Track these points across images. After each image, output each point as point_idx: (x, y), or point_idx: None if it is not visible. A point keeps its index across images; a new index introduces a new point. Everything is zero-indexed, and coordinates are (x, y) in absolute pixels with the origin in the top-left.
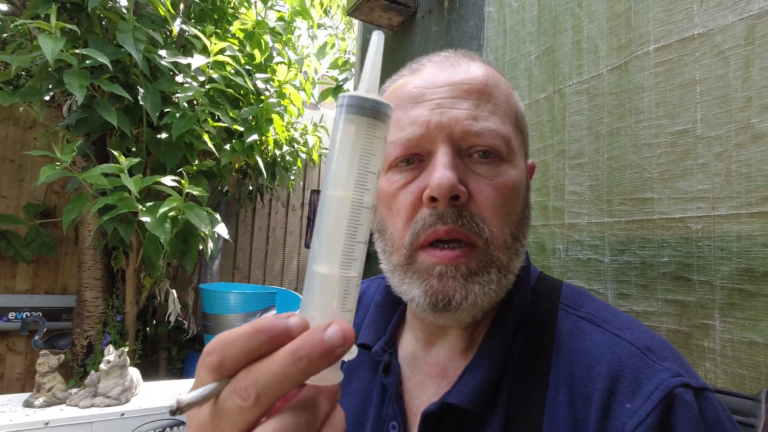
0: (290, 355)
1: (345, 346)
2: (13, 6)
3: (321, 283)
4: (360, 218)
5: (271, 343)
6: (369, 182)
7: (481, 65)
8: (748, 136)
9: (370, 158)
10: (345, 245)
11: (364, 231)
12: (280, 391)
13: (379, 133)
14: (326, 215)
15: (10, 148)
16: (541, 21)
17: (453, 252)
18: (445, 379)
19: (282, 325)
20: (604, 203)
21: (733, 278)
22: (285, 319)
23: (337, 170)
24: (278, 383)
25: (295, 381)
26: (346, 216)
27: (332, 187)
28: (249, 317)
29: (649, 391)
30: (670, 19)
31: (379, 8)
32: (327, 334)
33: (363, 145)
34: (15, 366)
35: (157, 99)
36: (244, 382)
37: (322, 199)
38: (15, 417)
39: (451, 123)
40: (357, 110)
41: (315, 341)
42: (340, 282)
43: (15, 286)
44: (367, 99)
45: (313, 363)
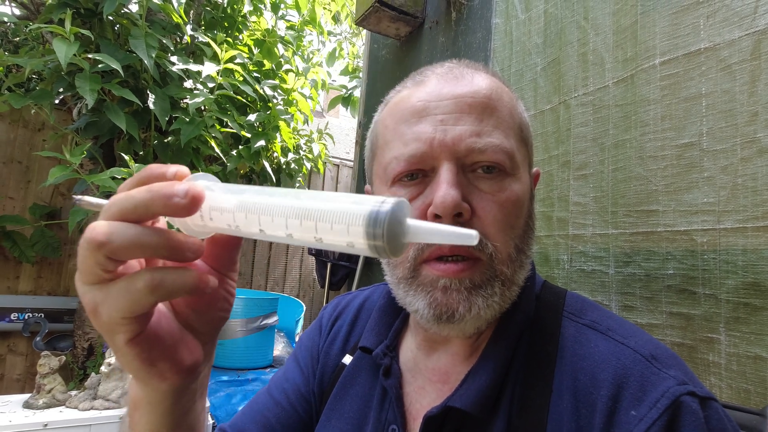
0: (147, 189)
1: (185, 200)
2: (27, 10)
3: (235, 187)
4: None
5: (148, 181)
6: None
7: (485, 77)
8: (754, 150)
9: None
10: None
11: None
12: (125, 209)
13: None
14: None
15: (19, 149)
16: (547, 33)
17: (457, 265)
18: (447, 384)
19: (161, 171)
20: (609, 215)
21: (738, 292)
22: (168, 167)
23: (327, 194)
24: (125, 202)
25: (137, 206)
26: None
27: (311, 192)
28: (250, 323)
29: (654, 398)
30: (676, 33)
31: (386, 19)
32: (179, 185)
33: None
34: (15, 367)
35: (166, 104)
36: (111, 199)
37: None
38: (14, 418)
39: (455, 141)
40: (370, 225)
41: (166, 186)
42: (231, 201)
43: (18, 286)
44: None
45: (157, 200)
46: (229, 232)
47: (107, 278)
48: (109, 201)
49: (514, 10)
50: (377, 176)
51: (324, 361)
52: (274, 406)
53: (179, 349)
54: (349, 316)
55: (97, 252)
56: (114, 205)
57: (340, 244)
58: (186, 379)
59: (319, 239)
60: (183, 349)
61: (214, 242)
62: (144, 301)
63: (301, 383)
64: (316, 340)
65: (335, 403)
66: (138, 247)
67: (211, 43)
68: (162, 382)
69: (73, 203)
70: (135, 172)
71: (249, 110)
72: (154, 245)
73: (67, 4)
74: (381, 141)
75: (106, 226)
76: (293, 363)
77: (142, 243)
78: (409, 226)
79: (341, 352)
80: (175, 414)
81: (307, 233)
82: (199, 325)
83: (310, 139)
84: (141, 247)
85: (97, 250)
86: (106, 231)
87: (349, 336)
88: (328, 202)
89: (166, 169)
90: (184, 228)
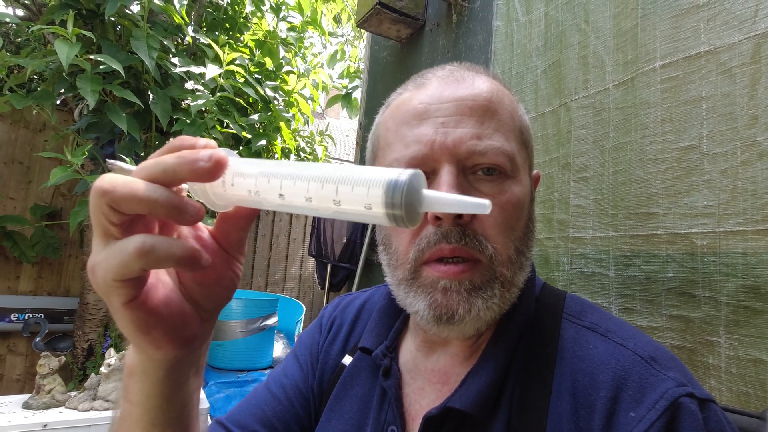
0: (176, 155)
1: (209, 163)
2: (29, 11)
3: (258, 160)
4: (299, 182)
5: (180, 147)
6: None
7: (486, 79)
8: (754, 153)
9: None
10: (283, 170)
11: (290, 187)
12: (154, 172)
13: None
14: (306, 163)
15: (20, 150)
16: (548, 36)
17: (457, 267)
18: (447, 385)
19: (193, 141)
20: (609, 217)
21: (738, 295)
22: (198, 139)
23: (345, 165)
24: (154, 166)
25: (165, 170)
26: (302, 169)
27: (330, 164)
28: (250, 324)
29: (653, 400)
30: (676, 36)
31: (388, 21)
32: (203, 151)
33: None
34: (15, 367)
35: (167, 105)
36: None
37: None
38: (14, 418)
39: (456, 144)
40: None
41: (194, 152)
42: (254, 167)
43: (18, 287)
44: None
45: (183, 165)
46: (248, 203)
47: (112, 233)
48: (140, 165)
49: (515, 12)
50: None
51: (324, 361)
52: (271, 400)
53: (177, 320)
54: (349, 316)
55: (101, 199)
56: (143, 169)
57: (357, 209)
58: (181, 351)
59: (338, 202)
60: (181, 321)
61: (226, 219)
62: (133, 265)
63: (299, 380)
64: (316, 339)
65: (335, 403)
66: (138, 199)
67: (213, 44)
68: (156, 351)
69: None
70: None
71: (250, 111)
72: (154, 200)
73: (69, 5)
74: (382, 143)
75: (115, 177)
76: (293, 360)
77: (143, 196)
78: (424, 195)
79: (341, 353)
80: (168, 385)
81: (327, 197)
82: (203, 300)
83: (311, 140)
84: (141, 201)
85: (100, 197)
86: (111, 180)
87: (349, 336)
88: (350, 170)
89: (196, 140)
90: (205, 199)
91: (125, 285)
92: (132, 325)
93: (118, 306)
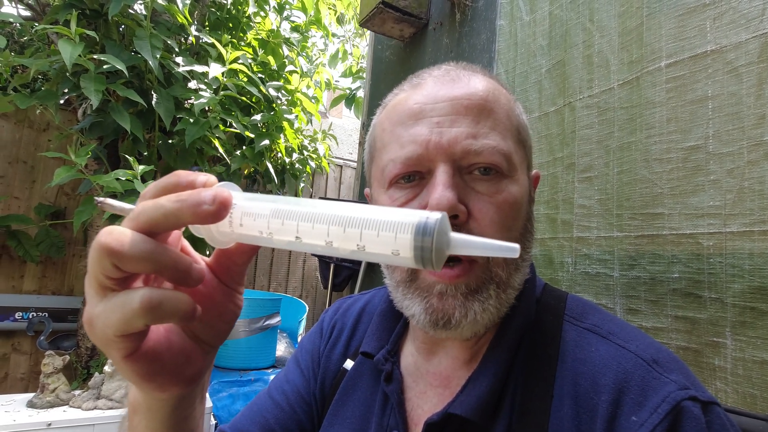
0: (175, 196)
1: (213, 206)
2: (33, 11)
3: (264, 197)
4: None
5: (177, 187)
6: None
7: (482, 79)
8: (761, 153)
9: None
10: (300, 211)
11: (307, 229)
12: (153, 219)
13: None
14: (323, 201)
15: (24, 149)
16: (552, 35)
17: (452, 271)
18: (448, 389)
19: (190, 178)
20: (614, 217)
21: (745, 296)
22: (196, 175)
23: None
24: (152, 211)
25: (167, 216)
26: (321, 209)
27: (351, 204)
28: (253, 323)
29: (655, 403)
30: (682, 35)
31: (391, 20)
32: (206, 192)
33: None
34: (19, 366)
35: (170, 105)
36: (139, 205)
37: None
38: (18, 417)
39: (451, 143)
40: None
41: (194, 194)
42: (264, 208)
43: (22, 286)
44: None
45: (185, 209)
46: (257, 241)
47: (109, 287)
48: (139, 208)
49: (519, 11)
50: (375, 179)
51: (325, 365)
52: (273, 407)
53: (181, 361)
54: (350, 320)
55: (106, 258)
56: (143, 214)
57: (383, 253)
58: (187, 389)
59: (362, 247)
60: (185, 361)
61: (226, 255)
62: (137, 321)
63: (301, 385)
64: (317, 344)
65: (337, 408)
66: (148, 261)
67: (216, 44)
68: (162, 393)
69: (96, 203)
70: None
71: (253, 111)
72: (164, 264)
73: (72, 5)
74: (379, 144)
75: (124, 234)
76: (294, 365)
77: (153, 259)
78: (452, 238)
79: (342, 357)
80: (174, 420)
81: (350, 241)
82: (205, 335)
83: (313, 139)
84: (150, 263)
85: (106, 256)
86: (121, 240)
87: (350, 341)
88: (373, 212)
89: (195, 177)
90: (207, 235)
91: (127, 339)
92: (135, 375)
93: (119, 359)
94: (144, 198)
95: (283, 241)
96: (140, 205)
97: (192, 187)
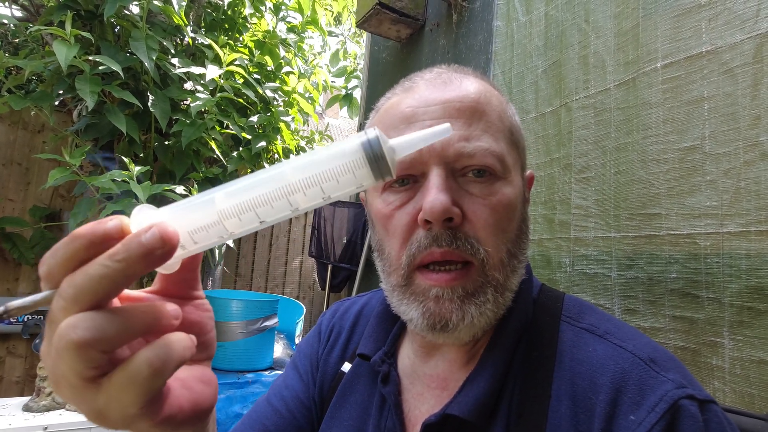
0: (109, 257)
1: (164, 248)
2: (27, 12)
3: (201, 205)
4: (276, 202)
5: (91, 247)
6: (311, 190)
7: (474, 81)
8: (757, 153)
9: (330, 180)
10: (245, 201)
11: (269, 212)
12: (100, 291)
13: (360, 177)
14: (264, 171)
15: (18, 151)
16: (548, 35)
17: (449, 274)
18: (446, 391)
19: (100, 230)
20: (611, 218)
21: (742, 296)
22: (104, 223)
23: (308, 156)
24: (97, 284)
25: (116, 281)
26: (269, 188)
27: (292, 162)
28: (250, 325)
29: (653, 402)
30: (678, 36)
31: (388, 21)
32: (146, 236)
33: (339, 169)
34: (15, 369)
35: (166, 106)
36: (65, 284)
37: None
38: (14, 421)
39: (444, 146)
40: (369, 155)
41: (133, 244)
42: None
43: (17, 288)
44: (383, 159)
45: (132, 265)
46: (218, 243)
47: (97, 375)
48: (66, 286)
49: (515, 12)
50: None
51: (323, 369)
52: (272, 414)
53: (200, 397)
54: (347, 322)
55: (86, 351)
56: (84, 291)
57: (348, 191)
58: (206, 418)
59: (327, 197)
60: (204, 392)
61: (169, 276)
62: (155, 384)
63: (300, 390)
64: (315, 347)
65: (335, 411)
66: (128, 331)
67: (213, 45)
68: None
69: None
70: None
71: (249, 112)
72: (148, 323)
73: (67, 5)
74: None
75: (85, 319)
76: (292, 370)
77: (135, 325)
78: (393, 145)
79: (340, 360)
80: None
81: (314, 198)
82: (199, 354)
83: (310, 140)
84: (134, 331)
85: (86, 350)
86: (90, 326)
87: (348, 343)
88: (320, 161)
89: (105, 226)
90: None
91: (151, 403)
92: (170, 428)
93: (152, 426)
94: (51, 276)
95: (249, 229)
96: (67, 282)
97: (110, 239)
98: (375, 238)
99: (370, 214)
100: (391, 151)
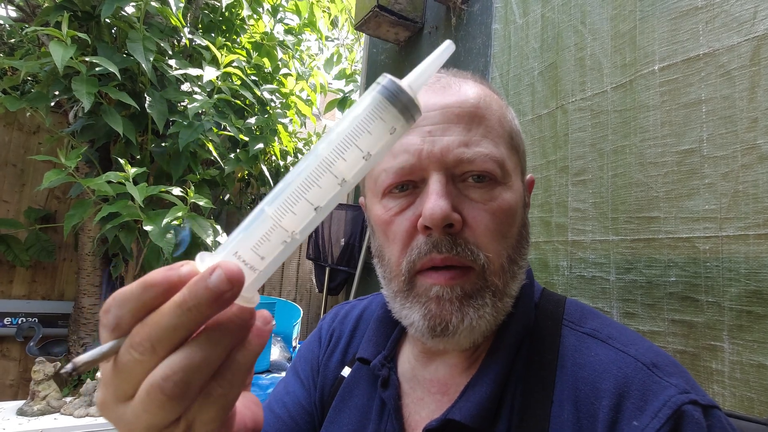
0: (178, 307)
1: (233, 289)
2: (23, 13)
3: (253, 218)
4: (320, 180)
5: (164, 295)
6: (348, 153)
7: (473, 85)
8: (755, 156)
9: (362, 134)
10: (291, 193)
11: (318, 194)
12: (174, 340)
13: (389, 120)
14: (299, 164)
15: (13, 152)
16: (544, 37)
17: (449, 272)
18: (446, 396)
19: (173, 276)
20: (609, 221)
21: (741, 300)
22: (177, 269)
23: (333, 128)
24: (171, 334)
25: (189, 329)
26: (309, 170)
27: (322, 141)
28: None
29: (656, 407)
30: (675, 38)
31: (386, 23)
32: (211, 280)
33: (365, 119)
34: (8, 372)
35: (163, 108)
36: (138, 337)
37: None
38: (8, 425)
39: (443, 152)
40: (388, 95)
41: (200, 290)
42: (266, 222)
43: (12, 291)
44: (403, 92)
45: (203, 311)
46: (286, 250)
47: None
48: (140, 339)
49: (513, 15)
50: (369, 188)
51: (324, 373)
52: (275, 420)
53: (257, 416)
54: (348, 327)
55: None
56: (157, 342)
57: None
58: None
59: (368, 155)
60: (258, 412)
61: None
62: (237, 392)
63: (301, 396)
64: (315, 352)
65: (334, 415)
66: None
67: (211, 46)
68: None
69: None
70: (130, 177)
71: (247, 114)
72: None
73: (64, 6)
74: None
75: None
76: (293, 375)
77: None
78: (408, 82)
79: (340, 364)
80: None
81: (357, 163)
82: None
83: (308, 142)
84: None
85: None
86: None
87: (348, 347)
88: (343, 126)
89: (178, 272)
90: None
91: (226, 422)
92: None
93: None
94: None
95: (307, 225)
96: (142, 336)
97: (181, 282)
98: (375, 244)
99: (370, 220)
100: (408, 88)
